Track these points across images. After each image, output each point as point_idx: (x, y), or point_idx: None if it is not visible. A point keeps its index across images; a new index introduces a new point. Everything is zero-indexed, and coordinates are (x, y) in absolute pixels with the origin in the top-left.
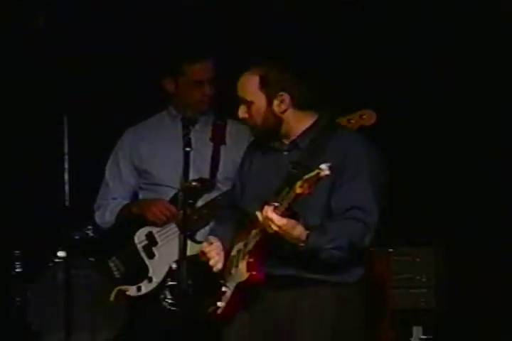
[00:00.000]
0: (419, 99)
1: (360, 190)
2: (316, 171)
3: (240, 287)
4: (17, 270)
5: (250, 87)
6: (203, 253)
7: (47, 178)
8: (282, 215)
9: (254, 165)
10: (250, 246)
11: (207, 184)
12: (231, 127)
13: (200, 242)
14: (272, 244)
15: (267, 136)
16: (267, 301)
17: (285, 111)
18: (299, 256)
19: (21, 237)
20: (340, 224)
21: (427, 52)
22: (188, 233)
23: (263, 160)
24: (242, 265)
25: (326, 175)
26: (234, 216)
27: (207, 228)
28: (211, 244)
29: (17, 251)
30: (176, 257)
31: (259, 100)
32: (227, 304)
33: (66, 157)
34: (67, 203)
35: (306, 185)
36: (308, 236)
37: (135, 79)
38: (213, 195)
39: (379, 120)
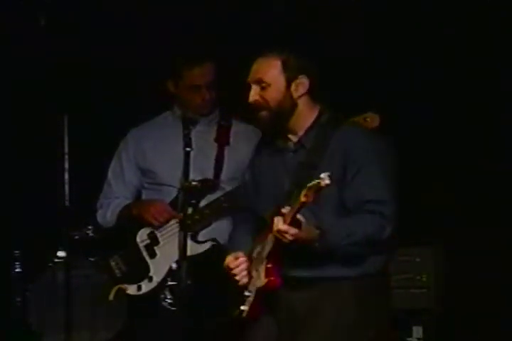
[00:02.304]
0: (418, 98)
1: (370, 182)
2: (317, 181)
3: (260, 291)
4: (17, 270)
5: (271, 69)
6: (229, 268)
7: (47, 178)
8: (291, 223)
9: (264, 167)
10: (266, 251)
11: (209, 184)
12: (235, 128)
13: (201, 242)
14: (288, 247)
15: (276, 123)
16: (287, 302)
17: (302, 95)
18: (316, 256)
19: (21, 237)
20: (356, 219)
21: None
22: (189, 233)
23: (271, 162)
24: (261, 269)
25: (327, 185)
26: (253, 217)
27: (209, 228)
28: (237, 258)
29: (17, 251)
30: (177, 257)
31: (279, 83)
32: (251, 307)
33: (66, 157)
34: (67, 203)
35: (309, 194)
36: (321, 235)
37: (136, 78)
38: (216, 195)
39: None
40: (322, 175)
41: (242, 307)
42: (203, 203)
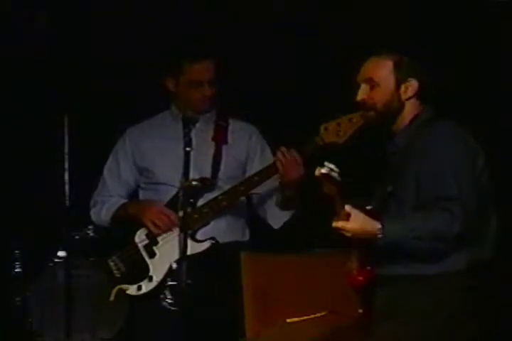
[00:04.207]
0: None
1: (440, 180)
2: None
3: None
4: (17, 270)
5: (382, 69)
6: None
7: (47, 178)
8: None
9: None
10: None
11: (207, 183)
12: (232, 126)
13: (200, 241)
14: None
15: (382, 123)
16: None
17: (409, 98)
18: (391, 254)
19: (21, 237)
20: (423, 215)
21: None
22: (188, 232)
23: (384, 163)
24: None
25: (321, 174)
26: None
27: (208, 227)
28: None
29: (17, 251)
30: (177, 256)
31: (389, 83)
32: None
33: (66, 157)
34: (67, 203)
35: (323, 185)
36: (383, 228)
37: (136, 78)
38: (215, 194)
39: None
40: (325, 164)
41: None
42: (200, 202)
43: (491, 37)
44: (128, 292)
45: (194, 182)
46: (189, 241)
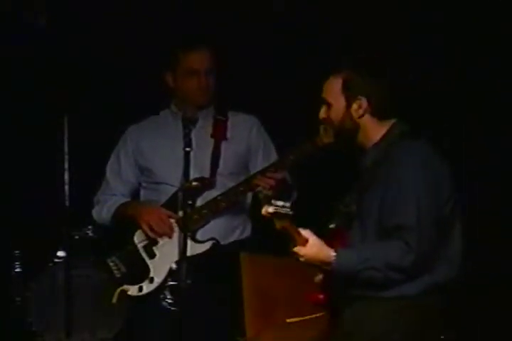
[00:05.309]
0: None
1: (400, 207)
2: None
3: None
4: (17, 270)
5: (333, 89)
6: None
7: (47, 178)
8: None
9: None
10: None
11: (206, 182)
12: (232, 119)
13: (200, 242)
14: None
15: (342, 141)
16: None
17: (362, 116)
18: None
19: (21, 237)
20: (379, 244)
21: None
22: (188, 233)
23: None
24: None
25: (268, 213)
26: None
27: (207, 227)
28: None
29: (17, 251)
30: (177, 257)
31: (339, 102)
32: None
33: (66, 157)
34: (67, 203)
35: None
36: (336, 258)
37: (136, 78)
38: (215, 191)
39: None
40: (272, 202)
41: None
42: (199, 201)
43: (490, 37)
44: (129, 293)
45: (194, 183)
46: (190, 242)
